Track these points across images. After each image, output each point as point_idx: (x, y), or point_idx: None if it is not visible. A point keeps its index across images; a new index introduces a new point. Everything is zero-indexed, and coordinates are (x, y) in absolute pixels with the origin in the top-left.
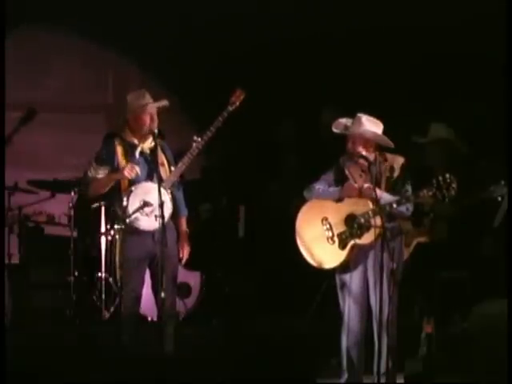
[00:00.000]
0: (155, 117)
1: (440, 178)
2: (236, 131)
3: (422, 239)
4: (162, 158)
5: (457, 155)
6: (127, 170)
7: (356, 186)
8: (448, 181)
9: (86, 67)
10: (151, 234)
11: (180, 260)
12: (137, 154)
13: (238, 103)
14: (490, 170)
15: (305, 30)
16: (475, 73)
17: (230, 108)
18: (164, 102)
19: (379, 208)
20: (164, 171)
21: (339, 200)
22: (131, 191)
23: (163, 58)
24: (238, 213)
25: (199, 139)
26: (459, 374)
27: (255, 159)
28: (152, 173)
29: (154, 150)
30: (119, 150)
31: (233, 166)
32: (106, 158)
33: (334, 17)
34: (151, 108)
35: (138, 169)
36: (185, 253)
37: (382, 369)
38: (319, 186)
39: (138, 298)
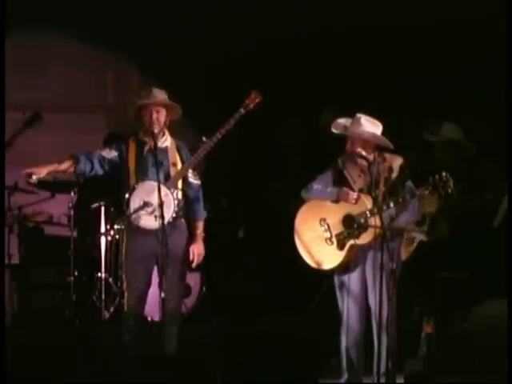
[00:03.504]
0: (156, 115)
1: (436, 177)
2: (237, 131)
3: (422, 239)
4: (175, 157)
5: (464, 155)
6: None
7: (351, 192)
8: (444, 179)
9: (85, 67)
10: (154, 233)
11: (190, 263)
12: (145, 152)
13: (252, 106)
14: (491, 170)
15: (305, 30)
16: (475, 72)
17: (243, 110)
18: (164, 101)
19: (377, 208)
20: (176, 171)
21: (337, 201)
22: (134, 189)
23: (163, 58)
24: (238, 213)
25: (208, 140)
26: (459, 375)
27: (256, 160)
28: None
29: (155, 150)
30: (132, 148)
31: (233, 167)
32: (116, 153)
33: (335, 16)
34: (148, 106)
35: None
36: (195, 256)
37: (382, 369)
38: (317, 186)
39: (141, 298)
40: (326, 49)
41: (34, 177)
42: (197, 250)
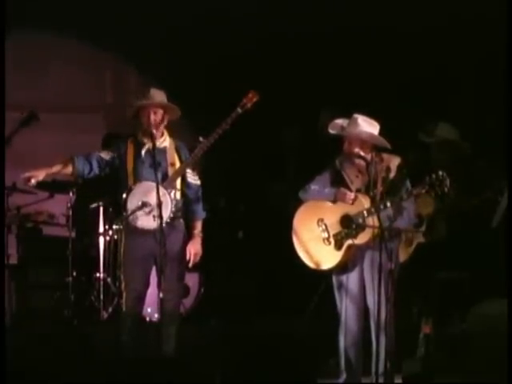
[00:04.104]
0: (154, 117)
1: (433, 176)
2: (236, 131)
3: (422, 239)
4: (174, 158)
5: (460, 155)
6: None
7: (349, 193)
8: (441, 178)
9: (84, 67)
10: (153, 233)
11: (187, 262)
12: (143, 153)
13: (249, 106)
14: (487, 170)
15: (305, 31)
16: (473, 72)
17: (240, 110)
18: (162, 102)
19: (375, 208)
20: (174, 171)
21: (334, 201)
22: (131, 190)
23: (162, 58)
24: (237, 214)
25: (205, 140)
26: (458, 375)
27: (255, 160)
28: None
29: (153, 150)
30: (130, 148)
31: (233, 166)
32: (114, 155)
33: (334, 18)
34: (146, 107)
35: None
36: (192, 255)
37: (381, 369)
38: (315, 187)
39: (139, 298)
40: (325, 49)
41: (33, 180)
42: (193, 250)
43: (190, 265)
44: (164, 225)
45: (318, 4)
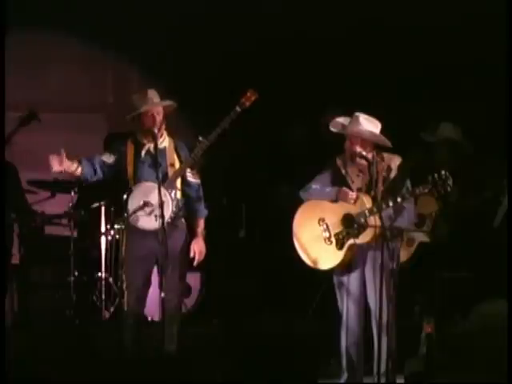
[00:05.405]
0: (158, 118)
1: (436, 175)
2: (238, 130)
3: (423, 239)
4: (173, 158)
5: (462, 155)
6: None
7: (350, 192)
8: (444, 177)
9: (85, 67)
10: (154, 233)
11: (191, 262)
12: (143, 153)
13: (248, 104)
14: (489, 170)
15: (307, 30)
16: (474, 72)
17: (239, 109)
18: (164, 103)
19: (376, 207)
20: (174, 172)
21: (335, 200)
22: (132, 190)
23: (163, 58)
24: (238, 212)
25: (204, 140)
26: (459, 374)
27: (257, 158)
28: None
29: (155, 150)
30: (130, 149)
31: (234, 166)
32: (115, 157)
33: (337, 16)
34: (149, 109)
35: None
36: (196, 254)
37: (382, 369)
38: (315, 186)
39: (141, 298)
40: (326, 49)
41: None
42: (197, 248)
43: (195, 263)
44: (165, 225)
45: (321, 4)
